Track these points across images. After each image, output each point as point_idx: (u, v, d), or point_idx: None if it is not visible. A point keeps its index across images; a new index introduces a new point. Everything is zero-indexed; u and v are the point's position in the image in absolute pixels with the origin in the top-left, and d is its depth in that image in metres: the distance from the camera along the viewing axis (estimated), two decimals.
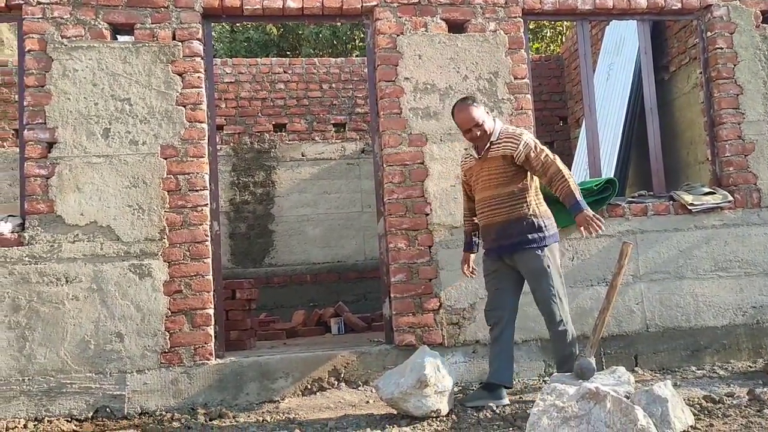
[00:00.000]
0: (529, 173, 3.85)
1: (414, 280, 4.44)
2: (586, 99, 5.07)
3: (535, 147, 3.81)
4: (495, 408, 3.66)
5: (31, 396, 3.98)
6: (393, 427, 3.29)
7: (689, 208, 4.68)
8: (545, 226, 3.82)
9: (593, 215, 3.69)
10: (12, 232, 4.13)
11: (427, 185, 4.52)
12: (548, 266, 3.78)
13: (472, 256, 4.16)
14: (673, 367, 4.55)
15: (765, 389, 3.73)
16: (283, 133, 7.96)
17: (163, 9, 4.37)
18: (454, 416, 3.57)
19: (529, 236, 3.78)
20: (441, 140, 4.57)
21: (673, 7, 4.92)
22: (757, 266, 4.72)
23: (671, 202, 4.78)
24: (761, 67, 4.91)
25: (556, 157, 3.85)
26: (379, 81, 4.59)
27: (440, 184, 4.53)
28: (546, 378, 4.34)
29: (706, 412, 3.33)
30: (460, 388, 4.26)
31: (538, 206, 3.86)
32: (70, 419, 3.96)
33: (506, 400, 3.76)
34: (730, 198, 4.75)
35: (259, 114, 7.95)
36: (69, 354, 4.05)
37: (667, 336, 4.61)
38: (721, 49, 4.90)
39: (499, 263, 3.92)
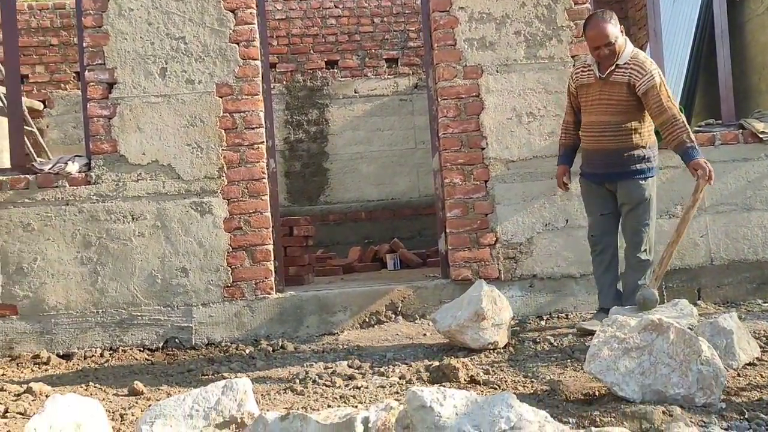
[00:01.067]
0: None
1: (470, 215, 4.41)
2: (651, 23, 4.82)
3: (660, 85, 3.66)
4: (552, 341, 3.67)
5: (105, 327, 4.20)
6: (451, 357, 3.33)
7: (760, 136, 4.47)
8: (653, 157, 3.83)
9: (707, 164, 3.57)
10: (79, 171, 4.27)
11: (482, 119, 4.44)
12: (649, 196, 3.79)
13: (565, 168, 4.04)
14: (738, 300, 4.44)
15: None
16: (335, 70, 7.89)
17: None
18: (511, 348, 3.60)
19: (638, 166, 3.76)
20: (497, 72, 4.44)
21: None
22: None
23: (741, 130, 4.56)
24: None
25: (675, 102, 3.72)
26: (433, 11, 4.46)
27: (496, 118, 4.43)
28: None
29: None
30: (517, 321, 4.27)
31: (649, 136, 3.80)
32: (142, 349, 4.18)
33: None
34: None
35: (311, 51, 7.88)
36: (138, 288, 4.23)
37: (732, 269, 4.48)
38: None
39: (602, 189, 3.89)
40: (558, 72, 4.45)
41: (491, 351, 3.55)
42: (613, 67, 3.70)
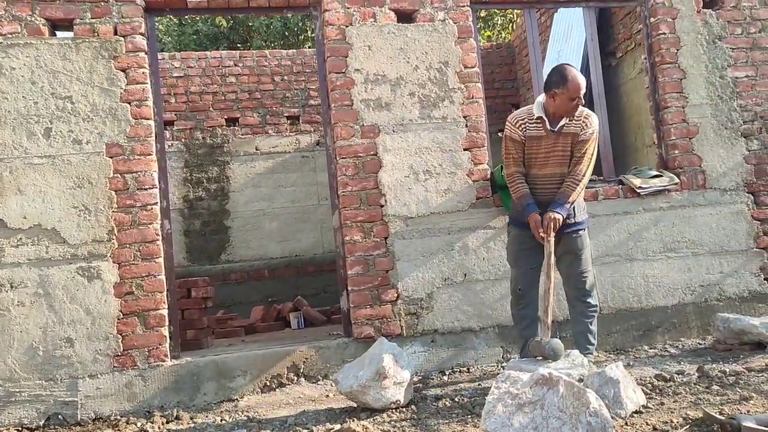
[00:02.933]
0: None
1: (370, 272, 4.43)
2: (536, 86, 5.12)
3: (594, 140, 3.87)
4: (454, 397, 3.69)
5: None
6: (353, 420, 3.28)
7: (638, 191, 4.79)
8: (585, 208, 4.02)
9: (557, 223, 3.72)
10: None
11: (381, 176, 4.51)
12: (588, 245, 3.97)
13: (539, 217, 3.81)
14: (626, 347, 4.66)
15: (713, 365, 3.85)
16: (236, 127, 7.84)
17: (103, 3, 4.25)
18: (413, 407, 3.58)
19: (580, 218, 3.93)
20: (394, 131, 4.56)
21: None
22: (704, 246, 4.85)
23: (620, 186, 4.87)
24: (702, 51, 5.03)
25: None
26: (330, 73, 4.55)
27: (394, 175, 4.52)
28: (504, 364, 4.39)
29: (657, 390, 3.42)
30: (420, 377, 4.28)
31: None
32: (20, 428, 3.86)
33: None
34: (677, 180, 4.86)
35: (211, 108, 7.81)
36: (17, 362, 3.93)
37: (619, 317, 4.72)
38: (664, 34, 4.99)
39: (534, 241, 3.87)
40: (451, 131, 4.62)
41: (394, 410, 3.52)
42: (564, 121, 3.80)
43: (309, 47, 11.27)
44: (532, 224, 3.80)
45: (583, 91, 3.75)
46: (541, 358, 3.62)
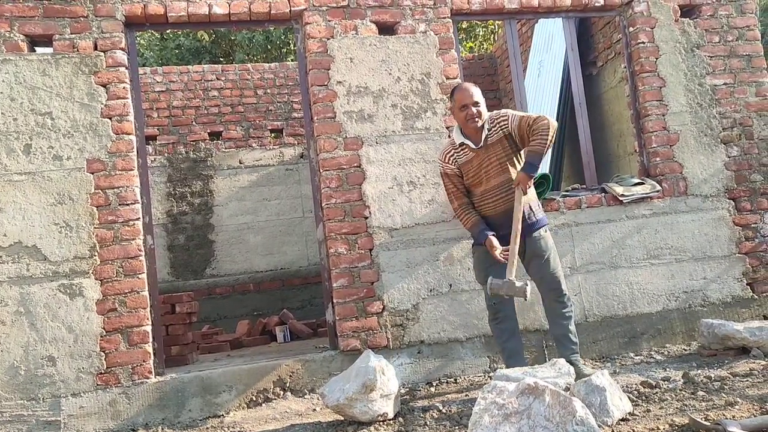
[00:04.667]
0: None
1: (356, 284, 4.42)
2: (518, 96, 5.15)
3: (520, 115, 3.88)
4: (441, 408, 3.67)
5: None
6: None
7: (620, 199, 4.82)
8: (540, 206, 4.01)
9: (525, 180, 3.74)
10: None
11: (364, 188, 4.51)
12: (552, 246, 3.95)
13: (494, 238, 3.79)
14: (612, 354, 4.67)
15: (699, 371, 3.88)
16: (219, 141, 7.82)
17: (82, 18, 4.23)
18: (401, 419, 3.56)
19: (538, 217, 3.92)
20: (377, 143, 4.56)
21: (596, 4, 5.05)
22: (686, 252, 4.89)
23: (603, 194, 4.90)
24: (681, 59, 5.10)
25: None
26: (312, 85, 4.55)
27: (378, 187, 4.52)
28: (491, 374, 4.38)
29: (643, 397, 3.43)
30: (407, 389, 4.26)
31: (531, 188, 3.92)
32: None
33: None
34: (659, 187, 4.91)
35: (194, 122, 7.78)
36: None
37: (605, 324, 4.73)
38: (643, 43, 5.05)
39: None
40: (434, 142, 4.63)
41: (381, 423, 3.50)
42: (484, 133, 3.86)
43: (292, 60, 11.29)
44: (489, 247, 3.78)
45: (471, 100, 3.84)
46: (507, 297, 3.69)
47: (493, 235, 3.80)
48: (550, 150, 3.95)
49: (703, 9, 5.19)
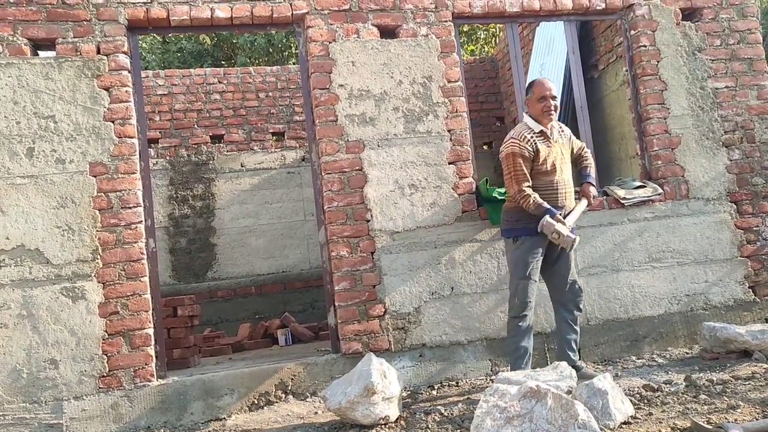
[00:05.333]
0: None
1: (358, 288, 4.42)
2: (519, 100, 5.15)
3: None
4: (443, 411, 3.67)
5: None
6: None
7: (622, 202, 4.82)
8: None
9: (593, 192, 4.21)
10: None
11: (366, 192, 4.52)
12: None
13: None
14: (614, 357, 4.67)
15: (701, 375, 3.87)
16: (221, 145, 7.83)
17: (85, 22, 4.24)
18: (402, 422, 3.57)
19: None
20: (379, 146, 4.57)
21: (598, 7, 5.06)
22: (688, 255, 4.89)
23: (605, 197, 4.90)
24: (683, 62, 5.10)
25: None
26: (314, 89, 4.56)
27: (379, 190, 4.53)
28: (493, 377, 4.38)
29: (645, 400, 3.43)
30: (409, 392, 4.26)
31: None
32: None
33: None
34: (660, 190, 4.90)
35: (195, 126, 7.79)
36: (0, 385, 3.87)
37: (606, 328, 4.73)
38: (645, 46, 5.06)
39: (542, 253, 4.02)
40: (436, 145, 4.64)
41: (383, 426, 3.50)
42: (553, 129, 4.06)
43: (293, 63, 11.30)
44: (557, 220, 3.87)
45: (551, 91, 4.01)
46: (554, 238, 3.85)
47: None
48: None
49: (705, 12, 5.19)
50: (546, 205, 3.91)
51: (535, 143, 3.97)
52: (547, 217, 3.85)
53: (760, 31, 5.33)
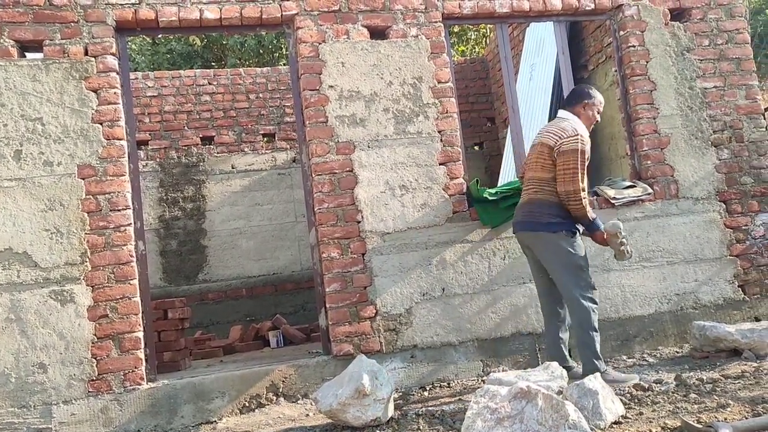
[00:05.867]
0: None
1: (348, 289, 4.41)
2: (509, 100, 5.16)
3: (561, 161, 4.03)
4: (434, 412, 3.67)
5: None
6: None
7: (612, 202, 4.83)
8: None
9: None
10: None
11: (357, 193, 4.51)
12: None
13: None
14: (605, 357, 4.65)
15: (691, 374, 3.89)
16: (211, 146, 7.80)
17: (73, 24, 4.21)
18: (394, 423, 3.56)
19: None
20: (369, 147, 4.56)
21: (587, 8, 5.07)
22: (678, 255, 4.91)
23: (595, 197, 4.91)
24: (671, 62, 5.12)
25: None
26: (304, 90, 4.55)
27: (370, 191, 4.52)
28: (485, 378, 4.38)
29: (636, 400, 3.43)
30: (401, 393, 4.25)
31: None
32: None
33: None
34: (650, 190, 4.92)
35: (185, 127, 7.76)
36: None
37: (598, 327, 4.72)
38: (634, 47, 5.08)
39: None
40: (426, 146, 4.64)
41: (374, 428, 3.49)
42: None
43: (284, 64, 11.27)
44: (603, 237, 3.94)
45: None
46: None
47: None
48: None
49: (693, 12, 5.22)
50: (593, 213, 3.94)
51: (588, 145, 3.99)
52: (617, 222, 3.90)
53: (747, 31, 5.36)
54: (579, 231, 3.98)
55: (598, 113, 4.12)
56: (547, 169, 3.93)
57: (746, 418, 2.85)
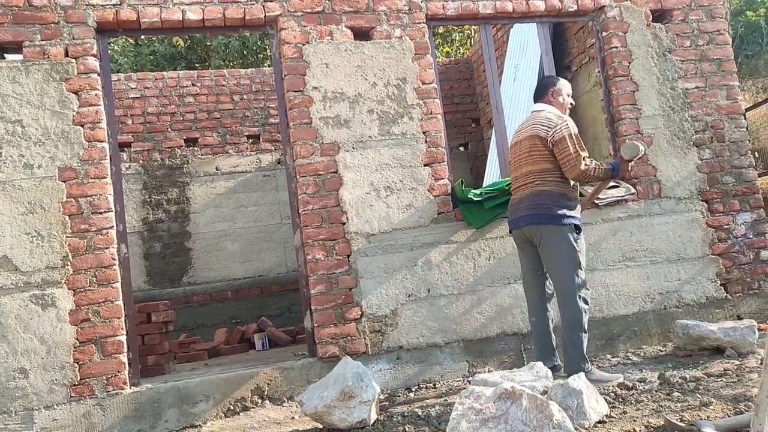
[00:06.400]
0: None
1: (334, 291, 4.40)
2: (493, 101, 5.18)
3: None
4: (420, 414, 3.67)
5: None
6: None
7: (596, 202, 4.85)
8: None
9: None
10: None
11: (342, 194, 4.50)
12: None
13: None
14: (589, 356, 4.66)
15: (674, 372, 3.91)
16: (195, 148, 7.75)
17: (53, 25, 4.17)
18: (380, 425, 3.55)
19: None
20: (353, 148, 4.55)
21: (570, 9, 5.10)
22: (661, 254, 4.94)
23: (579, 197, 4.92)
24: (653, 63, 5.16)
25: None
26: (288, 91, 4.53)
27: (355, 192, 4.51)
28: (470, 378, 4.38)
29: (620, 399, 3.45)
30: (387, 395, 4.25)
31: None
32: None
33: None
34: (633, 190, 4.95)
35: (169, 129, 7.71)
36: None
37: None
38: (616, 48, 5.11)
39: None
40: (411, 147, 4.63)
41: (360, 430, 3.48)
42: None
43: (268, 66, 11.23)
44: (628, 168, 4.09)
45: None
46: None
47: None
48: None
49: (674, 14, 5.26)
50: (605, 164, 4.04)
51: None
52: (631, 144, 3.99)
53: (729, 33, 5.42)
54: (582, 229, 3.99)
55: (569, 95, 4.21)
56: (546, 160, 3.94)
57: (729, 416, 2.87)
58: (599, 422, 3.01)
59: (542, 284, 4.08)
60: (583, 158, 3.89)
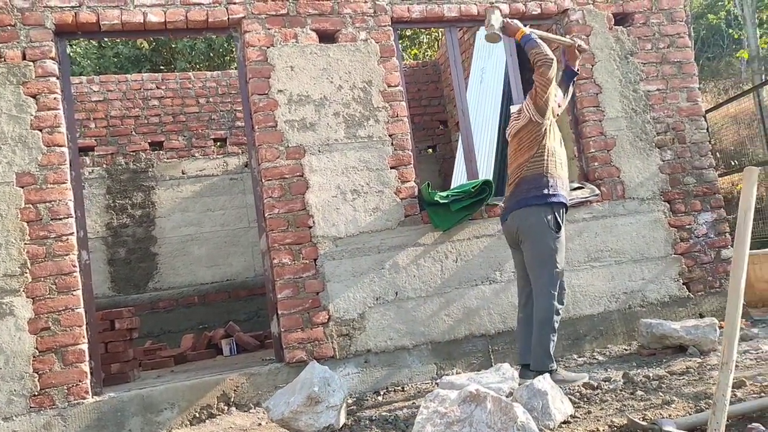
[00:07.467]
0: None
1: (301, 295, 4.37)
2: (459, 103, 5.20)
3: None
4: (388, 417, 3.66)
5: None
6: None
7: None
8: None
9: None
10: None
11: (308, 198, 4.47)
12: None
13: None
14: (556, 356, 4.67)
15: (638, 371, 3.97)
16: (161, 152, 7.64)
17: (9, 27, 4.07)
18: (347, 430, 3.53)
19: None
20: (319, 151, 4.53)
21: (533, 12, 5.15)
22: (625, 254, 5.01)
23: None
24: (616, 66, 5.23)
25: None
26: (252, 94, 4.49)
27: (321, 196, 4.49)
28: (438, 381, 4.38)
29: (585, 399, 3.48)
30: (355, 399, 4.23)
31: None
32: None
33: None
34: (598, 191, 5.01)
35: (133, 132, 7.58)
36: None
37: None
38: None
39: None
40: (377, 150, 4.63)
41: None
42: None
43: (234, 68, 11.12)
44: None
45: None
46: None
47: None
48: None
49: (636, 17, 5.34)
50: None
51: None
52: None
53: (690, 36, 5.52)
54: (566, 209, 4.01)
55: None
56: (527, 147, 3.97)
57: (690, 414, 2.92)
58: (564, 422, 3.03)
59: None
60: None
